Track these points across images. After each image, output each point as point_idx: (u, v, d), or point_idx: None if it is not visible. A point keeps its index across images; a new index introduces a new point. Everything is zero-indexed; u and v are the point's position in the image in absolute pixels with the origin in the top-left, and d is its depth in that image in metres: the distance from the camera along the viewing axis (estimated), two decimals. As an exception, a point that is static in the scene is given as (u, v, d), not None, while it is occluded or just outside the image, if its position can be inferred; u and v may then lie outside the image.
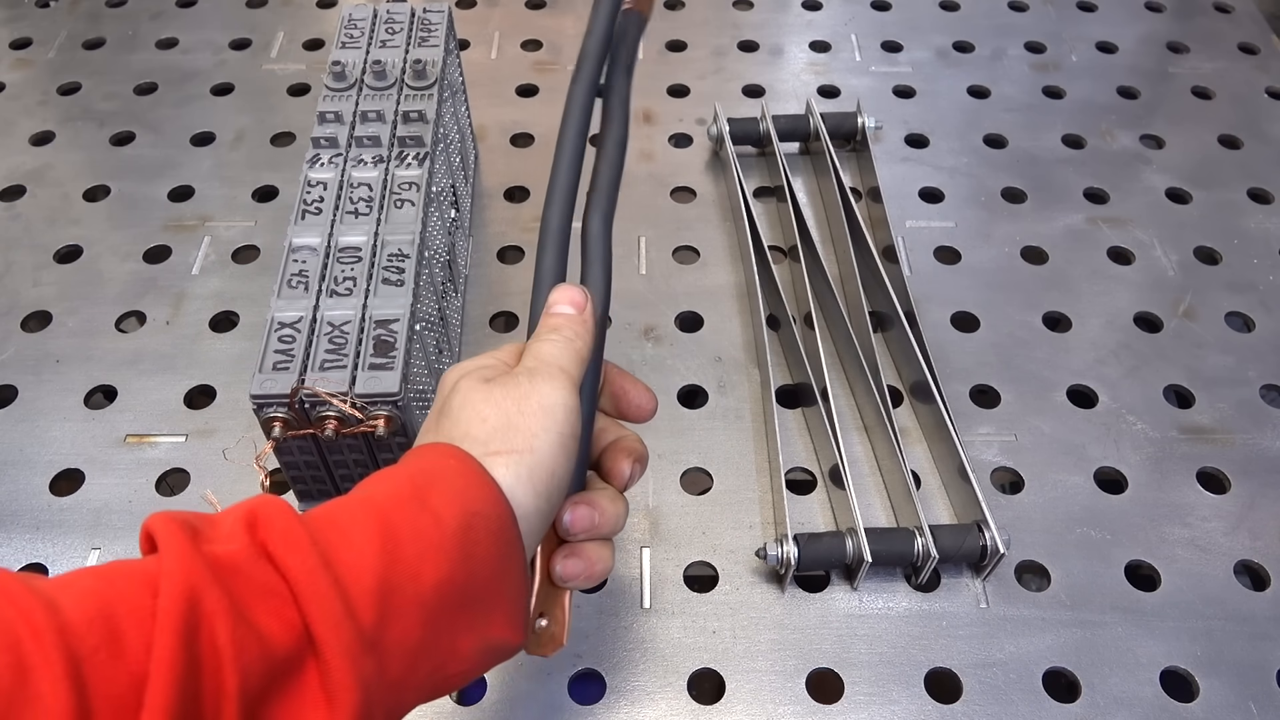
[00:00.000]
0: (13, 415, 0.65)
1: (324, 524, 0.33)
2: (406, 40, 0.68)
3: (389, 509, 0.34)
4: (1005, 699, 0.53)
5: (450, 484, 0.35)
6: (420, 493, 0.34)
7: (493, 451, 0.36)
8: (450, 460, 0.36)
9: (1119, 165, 0.83)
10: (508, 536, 0.35)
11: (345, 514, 0.34)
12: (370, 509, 0.34)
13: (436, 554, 0.33)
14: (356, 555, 0.32)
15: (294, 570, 0.31)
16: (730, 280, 0.73)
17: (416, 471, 0.35)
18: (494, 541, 0.35)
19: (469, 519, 0.34)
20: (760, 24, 0.96)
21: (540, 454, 0.37)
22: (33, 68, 0.91)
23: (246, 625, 0.29)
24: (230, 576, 0.30)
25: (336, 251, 0.55)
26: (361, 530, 0.33)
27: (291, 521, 0.32)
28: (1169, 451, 0.64)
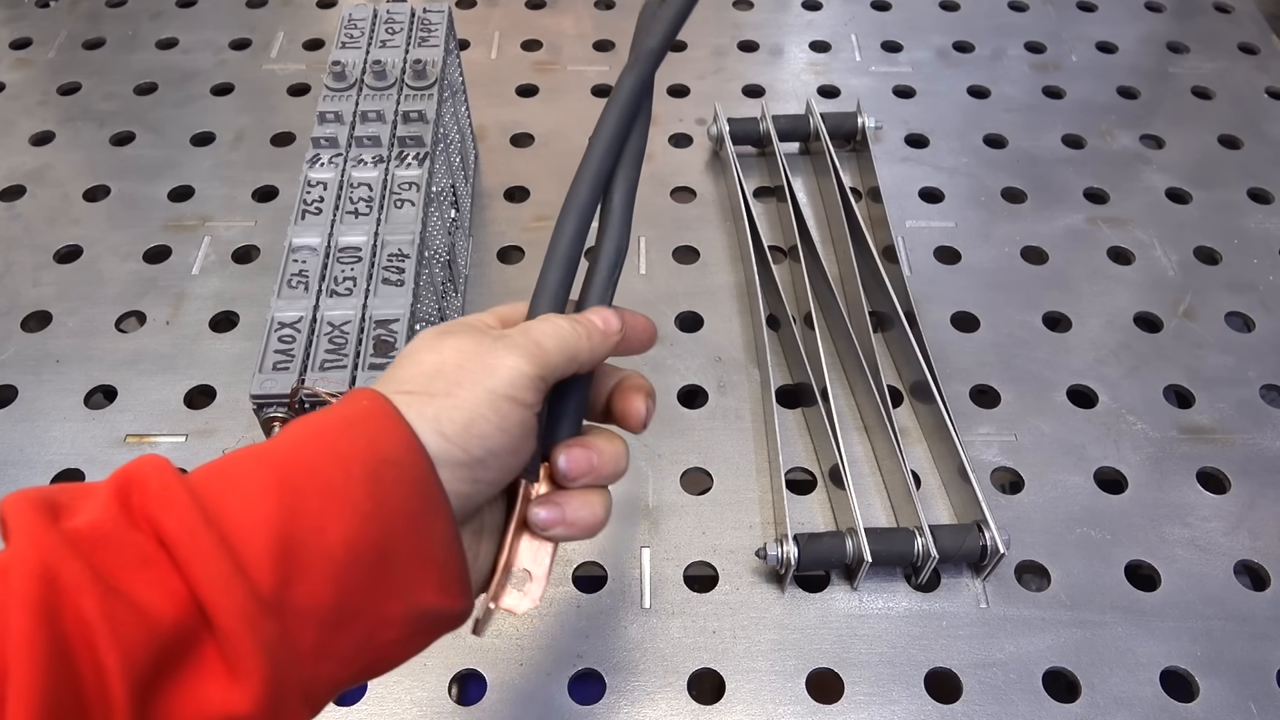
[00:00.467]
0: (13, 415, 0.65)
1: (211, 479, 0.30)
2: (406, 40, 0.68)
3: (288, 457, 0.31)
4: (1005, 699, 0.53)
5: (360, 428, 0.32)
6: (325, 438, 0.31)
7: (404, 390, 0.33)
8: (362, 402, 0.33)
9: (1119, 165, 0.83)
10: (426, 487, 0.32)
11: (237, 467, 0.30)
12: (266, 459, 0.30)
13: (343, 505, 0.30)
14: (248, 510, 0.29)
15: (172, 532, 0.28)
16: (730, 280, 0.73)
17: (325, 416, 0.32)
18: (410, 492, 0.31)
19: (379, 466, 0.31)
20: (760, 24, 0.96)
21: (457, 400, 0.33)
22: (33, 68, 0.91)
23: (119, 598, 0.26)
24: (95, 548, 0.27)
25: (336, 251, 0.55)
26: (255, 482, 0.30)
27: (169, 479, 0.29)
28: (1169, 451, 0.64)
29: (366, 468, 0.31)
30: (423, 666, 0.54)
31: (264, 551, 0.28)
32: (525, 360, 0.35)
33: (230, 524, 0.28)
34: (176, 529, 0.28)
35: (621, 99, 0.43)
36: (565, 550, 0.59)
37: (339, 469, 0.30)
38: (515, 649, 0.55)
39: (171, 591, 0.27)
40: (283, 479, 0.30)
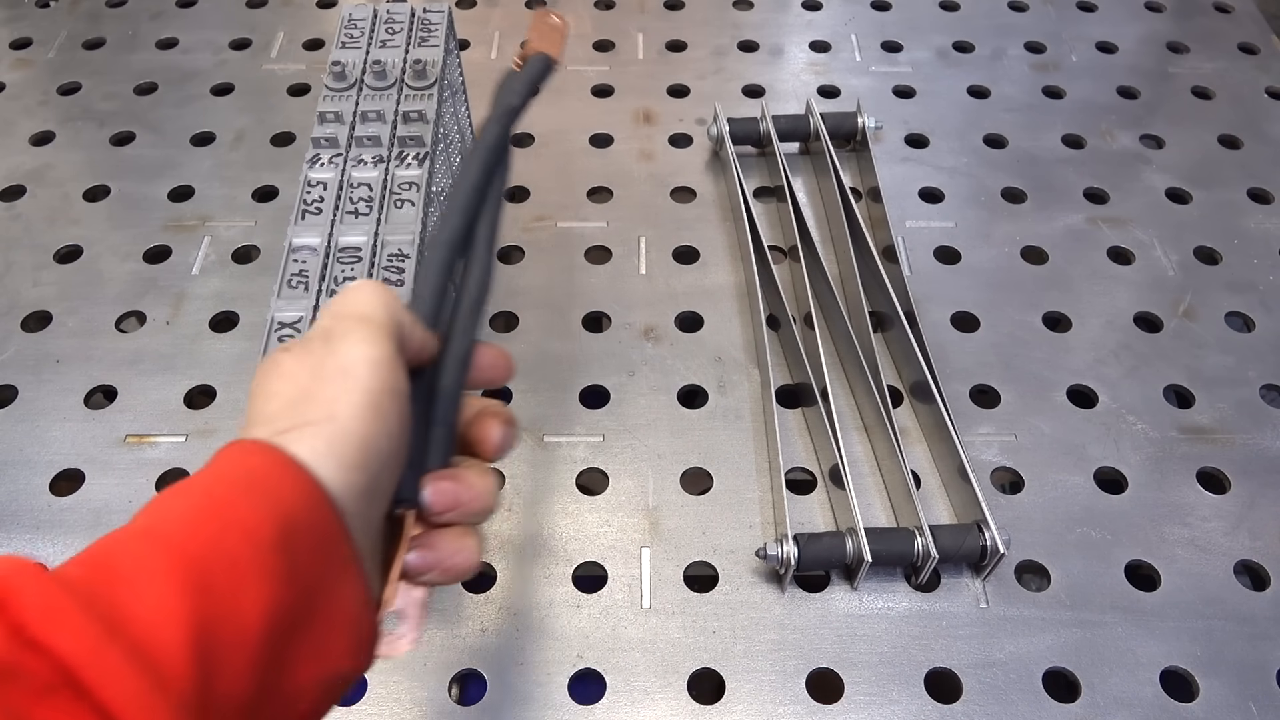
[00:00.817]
0: (13, 415, 0.65)
1: (99, 577, 0.26)
2: (406, 40, 0.68)
3: (185, 536, 0.27)
4: (1005, 699, 0.53)
5: (259, 489, 0.29)
6: (221, 506, 0.28)
7: (283, 430, 0.30)
8: (250, 458, 0.30)
9: (1119, 165, 0.83)
10: (335, 543, 0.30)
11: (125, 556, 0.27)
12: (159, 542, 0.27)
13: (255, 580, 0.27)
14: (154, 609, 0.25)
15: (70, 652, 0.24)
16: (730, 280, 0.73)
17: (211, 481, 0.29)
18: (320, 552, 0.29)
19: (286, 529, 0.28)
20: (760, 24, 0.96)
21: (342, 420, 0.30)
22: (33, 68, 0.91)
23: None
24: (5, 686, 0.23)
25: (336, 251, 0.55)
26: (153, 572, 0.26)
27: (49, 588, 0.25)
28: (1169, 451, 0.64)
29: (274, 533, 0.28)
30: (423, 666, 0.54)
31: (179, 655, 0.25)
32: (369, 342, 0.32)
33: (137, 630, 0.25)
34: (75, 648, 0.24)
35: (483, 149, 0.43)
36: (565, 550, 0.59)
37: (245, 541, 0.28)
38: (515, 649, 0.55)
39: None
40: (186, 564, 0.26)
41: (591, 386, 0.67)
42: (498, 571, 0.58)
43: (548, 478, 0.62)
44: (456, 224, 0.41)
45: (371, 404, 0.31)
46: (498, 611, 0.56)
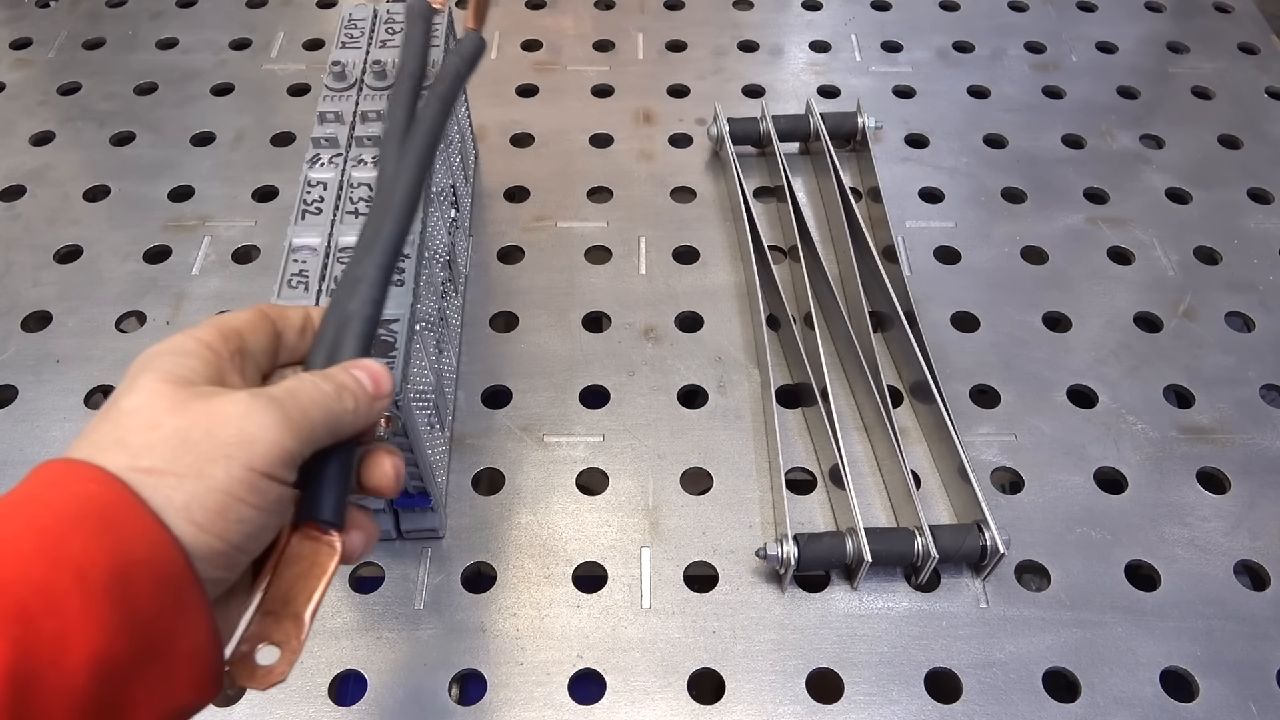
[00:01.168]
0: (13, 415, 0.65)
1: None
2: (406, 40, 0.67)
3: (10, 577, 0.25)
4: (1005, 699, 0.53)
5: (96, 527, 0.27)
6: (52, 543, 0.26)
7: (144, 468, 0.28)
8: (90, 486, 0.27)
9: (1119, 165, 0.83)
10: (179, 583, 0.28)
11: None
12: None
13: (83, 624, 0.25)
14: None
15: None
16: (730, 280, 0.73)
17: (45, 512, 0.27)
18: (161, 592, 0.27)
19: (124, 570, 0.26)
20: (760, 24, 0.96)
21: (212, 480, 0.28)
22: (33, 68, 0.91)
23: None
24: None
25: (336, 251, 0.55)
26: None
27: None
28: (1169, 451, 0.64)
29: (110, 575, 0.26)
30: (423, 666, 0.54)
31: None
32: (290, 434, 0.30)
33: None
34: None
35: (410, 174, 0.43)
36: (565, 550, 0.59)
37: (76, 583, 0.26)
38: (515, 649, 0.55)
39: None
40: (8, 607, 0.25)
41: (591, 386, 0.67)
42: (497, 571, 0.58)
43: (548, 478, 0.62)
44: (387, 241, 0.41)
45: (250, 482, 0.29)
46: (498, 611, 0.56)
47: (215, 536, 0.29)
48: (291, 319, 0.37)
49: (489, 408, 0.66)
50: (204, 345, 0.32)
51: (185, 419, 0.29)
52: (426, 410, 0.55)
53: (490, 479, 0.63)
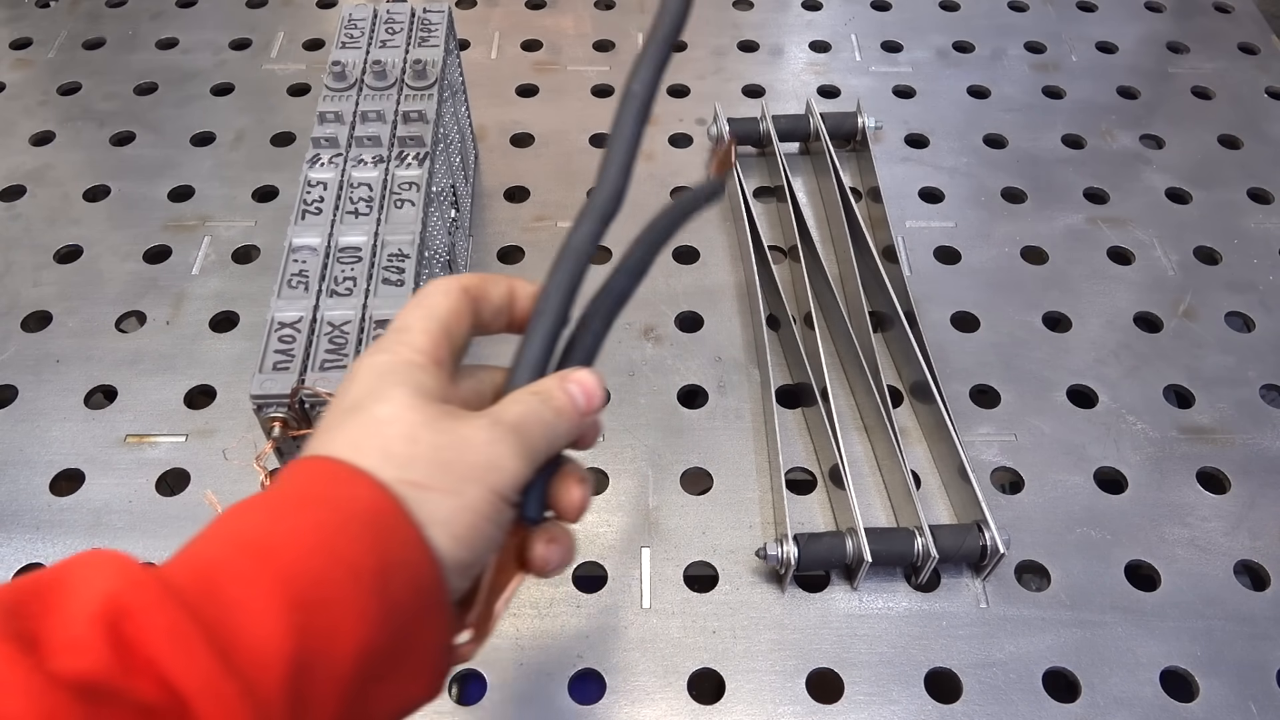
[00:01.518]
0: (13, 415, 0.65)
1: (208, 594, 0.26)
2: (406, 40, 0.68)
3: (293, 567, 0.27)
4: (1005, 699, 0.53)
5: (368, 531, 0.29)
6: (330, 541, 0.28)
7: (412, 481, 0.30)
8: (363, 491, 0.30)
9: (1119, 165, 0.83)
10: (433, 591, 0.30)
11: (235, 577, 0.27)
12: (265, 566, 0.27)
13: (354, 619, 0.28)
14: (259, 636, 0.26)
15: (188, 682, 0.24)
16: (730, 280, 0.73)
17: (319, 506, 0.29)
18: (417, 598, 0.30)
19: (387, 570, 0.29)
20: (760, 24, 0.96)
21: (466, 500, 0.31)
22: (33, 68, 0.91)
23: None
24: (89, 707, 0.23)
25: (336, 251, 0.55)
26: (261, 600, 0.26)
27: (171, 610, 0.25)
28: (1169, 451, 0.64)
29: (375, 576, 0.28)
30: (423, 666, 0.54)
31: (277, 691, 0.26)
32: (525, 462, 0.33)
33: (244, 658, 0.25)
34: (193, 678, 0.24)
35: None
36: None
37: (349, 580, 0.28)
38: (515, 649, 0.55)
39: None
40: (291, 597, 0.27)
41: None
42: (498, 571, 0.58)
43: (548, 478, 0.62)
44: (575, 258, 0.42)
45: (495, 504, 0.32)
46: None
47: (466, 550, 0.31)
48: (493, 297, 0.37)
49: (489, 408, 0.66)
50: (433, 361, 0.34)
51: (440, 437, 0.31)
52: (426, 410, 0.55)
53: (490, 479, 0.63)
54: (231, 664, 0.25)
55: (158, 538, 0.59)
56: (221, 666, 0.25)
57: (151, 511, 0.60)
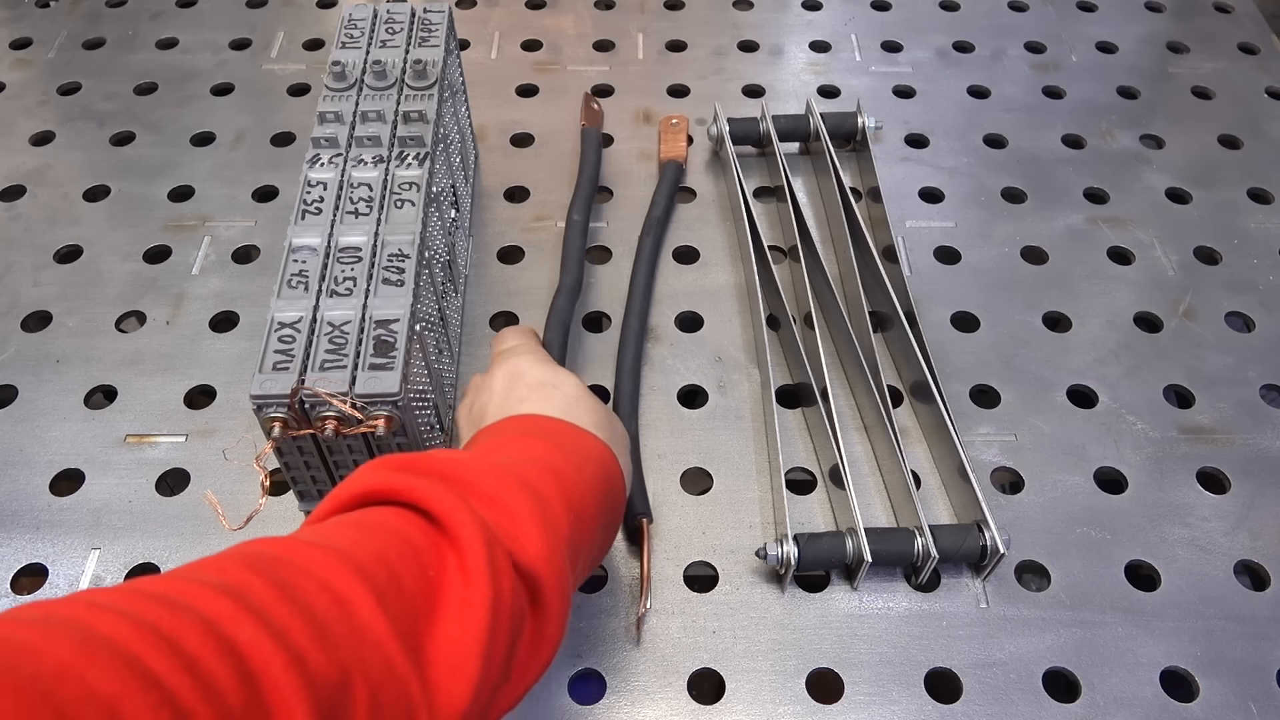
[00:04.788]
0: (13, 415, 0.65)
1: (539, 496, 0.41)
2: (406, 40, 0.68)
3: (570, 487, 0.43)
4: (1005, 699, 0.53)
5: (600, 468, 0.46)
6: (590, 476, 0.45)
7: (606, 441, 0.48)
8: (596, 446, 0.47)
9: (1119, 165, 0.83)
10: (622, 501, 0.49)
11: (549, 495, 0.41)
12: (563, 487, 0.42)
13: (593, 521, 0.44)
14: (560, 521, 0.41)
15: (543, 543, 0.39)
16: (730, 280, 0.73)
17: (578, 451, 0.46)
18: (616, 507, 0.48)
19: (612, 495, 0.47)
20: (760, 24, 0.96)
21: (625, 461, 0.50)
22: (33, 68, 0.91)
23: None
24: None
25: (336, 251, 0.55)
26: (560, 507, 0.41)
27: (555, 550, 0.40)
28: (1169, 451, 0.64)
29: (605, 499, 0.46)
30: (423, 666, 0.54)
31: (565, 551, 0.40)
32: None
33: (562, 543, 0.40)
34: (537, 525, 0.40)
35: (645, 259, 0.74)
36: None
37: (593, 500, 0.44)
38: (515, 649, 0.55)
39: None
40: (571, 505, 0.42)
41: (592, 386, 0.67)
42: (498, 571, 0.58)
43: (548, 478, 0.62)
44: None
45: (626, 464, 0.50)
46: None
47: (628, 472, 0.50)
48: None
49: (489, 408, 0.66)
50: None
51: (605, 414, 0.50)
52: (426, 410, 0.55)
53: (490, 479, 0.63)
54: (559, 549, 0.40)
55: (158, 538, 0.59)
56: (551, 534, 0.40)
57: (151, 511, 0.60)
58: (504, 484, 0.39)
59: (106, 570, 0.58)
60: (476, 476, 0.39)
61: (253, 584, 0.30)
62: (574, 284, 0.68)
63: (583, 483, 0.44)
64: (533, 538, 0.38)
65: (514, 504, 0.39)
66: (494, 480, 0.39)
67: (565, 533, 0.41)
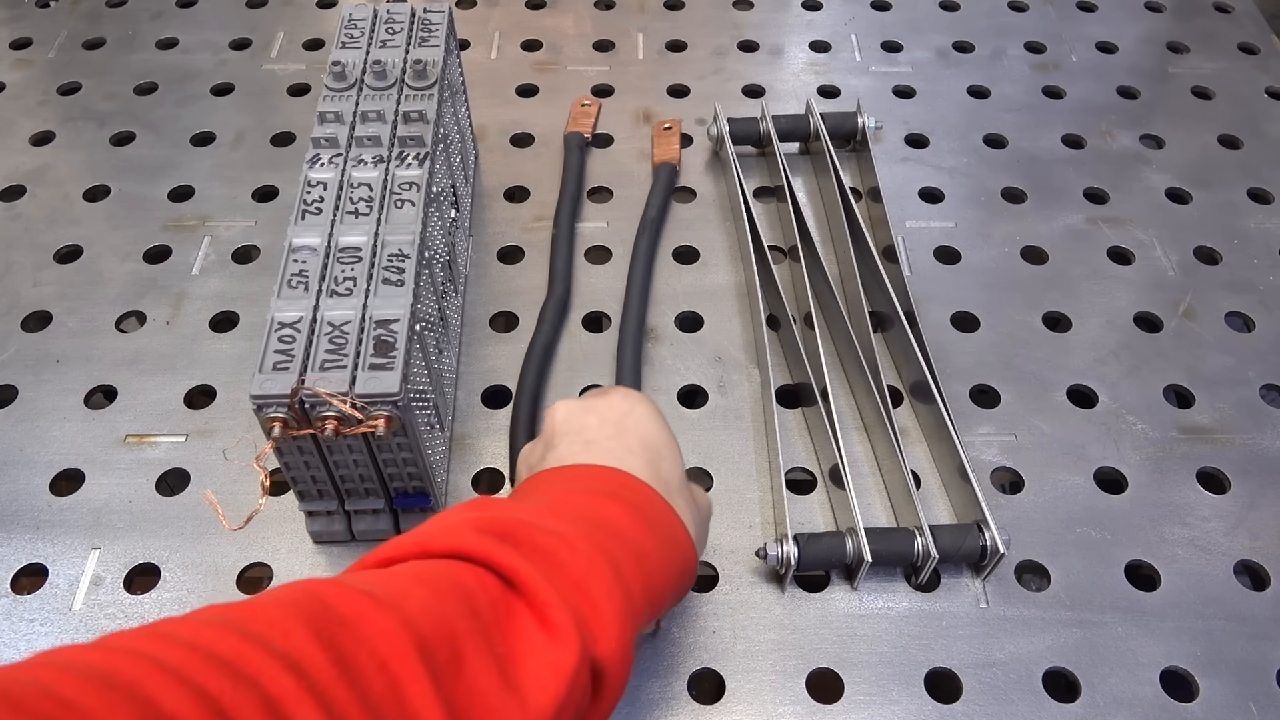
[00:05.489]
0: (13, 415, 0.65)
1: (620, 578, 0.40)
2: (406, 40, 0.68)
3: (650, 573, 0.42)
4: (1005, 699, 0.53)
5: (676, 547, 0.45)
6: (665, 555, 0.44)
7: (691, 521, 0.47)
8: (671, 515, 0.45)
9: (1119, 165, 0.83)
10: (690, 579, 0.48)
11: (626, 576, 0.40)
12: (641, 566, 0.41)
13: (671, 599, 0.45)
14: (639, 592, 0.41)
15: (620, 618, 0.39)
16: (730, 280, 0.73)
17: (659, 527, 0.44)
18: (664, 515, 0.46)
19: (683, 574, 0.46)
20: (760, 24, 0.96)
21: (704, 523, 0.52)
22: (33, 68, 0.91)
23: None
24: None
25: (336, 251, 0.55)
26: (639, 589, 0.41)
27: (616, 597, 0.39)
28: (1169, 451, 0.64)
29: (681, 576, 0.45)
30: (423, 666, 0.54)
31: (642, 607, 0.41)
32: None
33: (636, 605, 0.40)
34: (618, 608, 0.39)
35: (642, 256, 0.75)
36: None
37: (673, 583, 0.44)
38: (515, 649, 0.55)
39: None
40: (649, 594, 0.42)
41: (592, 386, 0.67)
42: (498, 571, 0.58)
43: (548, 478, 0.62)
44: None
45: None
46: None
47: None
48: None
49: (489, 408, 0.66)
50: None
51: (692, 496, 0.50)
52: (426, 410, 0.55)
53: (490, 479, 0.63)
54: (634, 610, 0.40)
55: (158, 538, 0.59)
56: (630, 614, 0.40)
57: (151, 511, 0.60)
58: (597, 570, 0.39)
59: (106, 570, 0.58)
60: (572, 557, 0.38)
61: (315, 657, 0.30)
62: (563, 296, 0.71)
63: (664, 579, 0.43)
64: (612, 633, 0.38)
65: (601, 595, 0.38)
66: (587, 564, 0.38)
67: (639, 623, 0.40)
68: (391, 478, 0.55)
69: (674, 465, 0.48)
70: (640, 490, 0.44)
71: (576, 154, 0.81)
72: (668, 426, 0.49)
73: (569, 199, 0.77)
